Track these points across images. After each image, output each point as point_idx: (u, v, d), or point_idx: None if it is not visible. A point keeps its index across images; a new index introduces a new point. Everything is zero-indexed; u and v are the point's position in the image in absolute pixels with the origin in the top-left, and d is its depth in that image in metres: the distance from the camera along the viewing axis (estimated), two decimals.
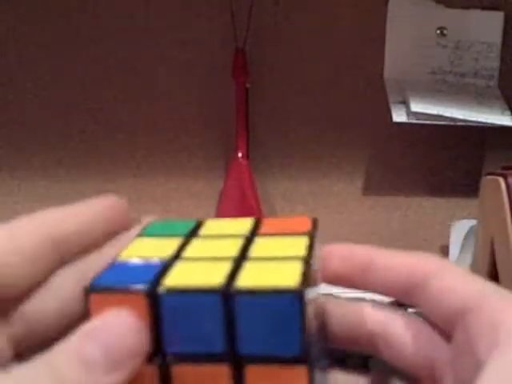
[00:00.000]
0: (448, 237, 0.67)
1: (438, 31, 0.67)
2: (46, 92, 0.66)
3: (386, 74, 0.68)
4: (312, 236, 0.22)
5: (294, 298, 0.18)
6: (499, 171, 0.54)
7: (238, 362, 0.19)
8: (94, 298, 0.19)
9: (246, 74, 0.64)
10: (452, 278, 0.22)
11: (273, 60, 0.67)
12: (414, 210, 0.70)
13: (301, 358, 0.19)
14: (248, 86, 0.64)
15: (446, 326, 0.21)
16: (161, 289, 0.19)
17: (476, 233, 0.59)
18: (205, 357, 0.19)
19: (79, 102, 0.67)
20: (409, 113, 0.63)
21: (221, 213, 0.65)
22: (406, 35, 0.67)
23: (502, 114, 0.63)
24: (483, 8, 0.67)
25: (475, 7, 0.67)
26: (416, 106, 0.62)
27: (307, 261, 0.20)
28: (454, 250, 0.66)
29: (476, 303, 0.20)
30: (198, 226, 0.24)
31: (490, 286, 0.21)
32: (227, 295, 0.18)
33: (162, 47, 0.66)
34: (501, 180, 0.52)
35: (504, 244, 0.52)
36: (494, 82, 0.68)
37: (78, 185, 0.68)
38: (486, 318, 0.20)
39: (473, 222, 0.62)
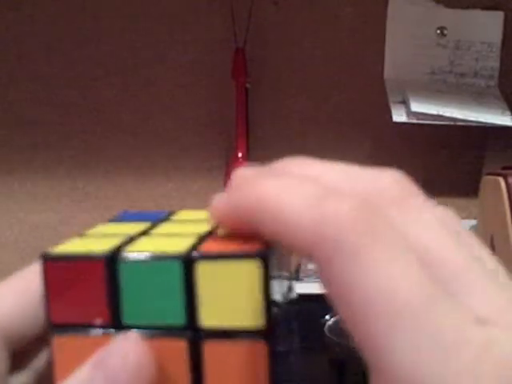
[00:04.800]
0: None
1: (438, 31, 0.67)
2: (45, 92, 0.66)
3: (386, 74, 0.68)
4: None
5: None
6: (499, 171, 0.54)
7: (196, 337, 0.18)
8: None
9: (245, 74, 0.64)
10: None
11: (273, 60, 0.67)
12: None
13: (262, 333, 0.18)
14: (248, 86, 0.64)
15: None
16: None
17: (476, 233, 0.59)
18: (164, 330, 0.18)
19: (79, 101, 0.67)
20: (409, 113, 0.63)
21: None
22: (405, 35, 0.67)
23: (502, 114, 0.63)
24: (483, 8, 0.67)
25: (475, 7, 0.67)
26: (416, 106, 0.62)
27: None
28: None
29: None
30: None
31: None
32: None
33: (162, 47, 0.66)
34: (501, 180, 0.52)
35: (504, 244, 0.52)
36: (494, 82, 0.68)
37: (78, 185, 0.68)
38: None
39: (473, 222, 0.62)
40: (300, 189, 0.18)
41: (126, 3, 0.66)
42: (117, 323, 0.19)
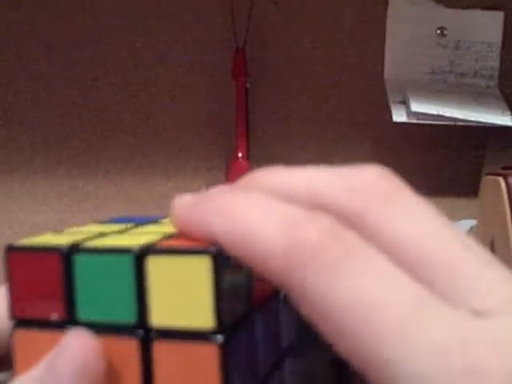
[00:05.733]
0: None
1: (438, 31, 0.67)
2: (45, 92, 0.66)
3: (386, 74, 0.68)
4: None
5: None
6: (499, 171, 0.54)
7: (147, 337, 0.18)
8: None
9: (245, 74, 0.64)
10: None
11: (273, 60, 0.67)
12: None
13: (213, 334, 0.17)
14: (248, 86, 0.64)
15: None
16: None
17: (476, 233, 0.59)
18: (116, 329, 0.18)
19: (79, 101, 0.67)
20: (409, 113, 0.63)
21: None
22: (405, 35, 0.67)
23: (502, 114, 0.63)
24: (483, 8, 0.67)
25: (475, 7, 0.67)
26: (416, 106, 0.62)
27: None
28: None
29: None
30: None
31: None
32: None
33: (162, 47, 0.66)
34: (501, 180, 0.52)
35: (504, 244, 0.52)
36: (494, 82, 0.68)
37: (78, 185, 0.68)
38: None
39: (473, 222, 0.62)
40: (270, 211, 0.17)
41: (125, 3, 0.66)
42: (72, 319, 0.18)
